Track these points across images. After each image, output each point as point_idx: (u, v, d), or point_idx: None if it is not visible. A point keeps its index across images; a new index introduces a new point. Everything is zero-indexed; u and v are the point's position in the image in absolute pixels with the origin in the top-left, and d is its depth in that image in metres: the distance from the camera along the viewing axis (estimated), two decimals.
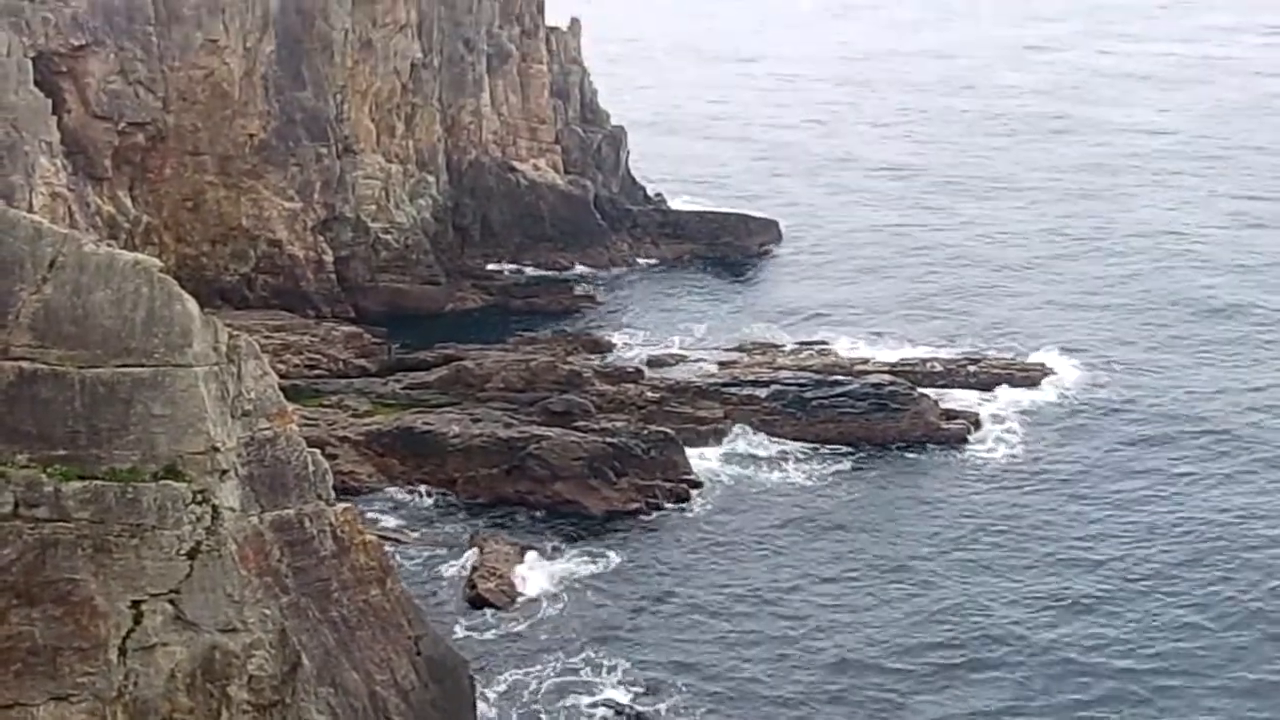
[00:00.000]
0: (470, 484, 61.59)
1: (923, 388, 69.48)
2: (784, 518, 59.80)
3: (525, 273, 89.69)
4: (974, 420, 68.13)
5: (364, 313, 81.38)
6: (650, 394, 68.06)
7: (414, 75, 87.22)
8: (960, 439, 66.63)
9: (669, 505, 60.70)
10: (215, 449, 37.74)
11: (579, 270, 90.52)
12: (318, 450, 42.22)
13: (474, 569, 54.67)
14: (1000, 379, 72.38)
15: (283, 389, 41.63)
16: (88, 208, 73.22)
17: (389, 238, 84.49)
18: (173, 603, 37.37)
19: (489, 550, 55.94)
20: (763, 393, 68.62)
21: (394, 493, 61.30)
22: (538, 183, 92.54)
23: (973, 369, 73.32)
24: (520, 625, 51.55)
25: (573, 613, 52.48)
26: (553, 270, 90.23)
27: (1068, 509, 60.33)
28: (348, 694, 40.77)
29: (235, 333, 39.84)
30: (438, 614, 51.14)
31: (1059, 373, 73.46)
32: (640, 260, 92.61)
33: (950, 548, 57.14)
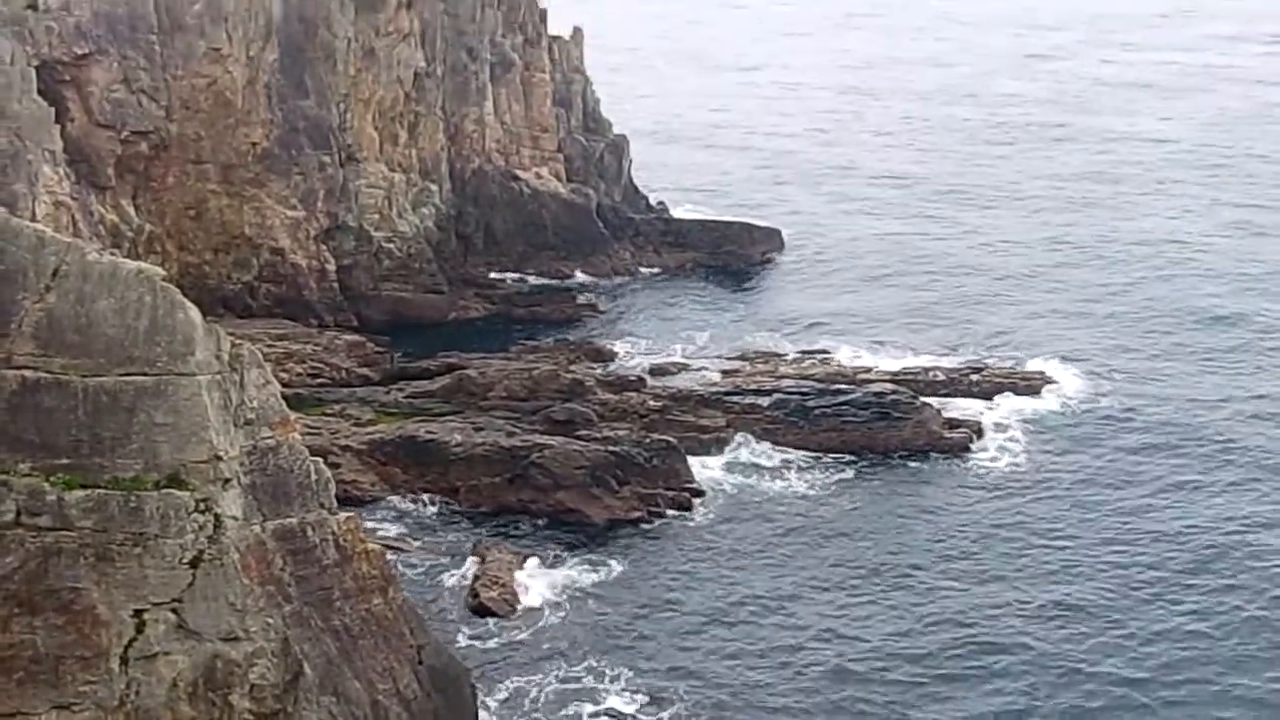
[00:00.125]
0: (473, 493, 61.60)
1: (925, 396, 69.49)
2: (786, 526, 59.78)
3: (528, 281, 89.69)
4: (976, 429, 68.09)
5: (367, 321, 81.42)
6: (653, 403, 68.08)
7: (417, 84, 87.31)
8: (963, 448, 66.59)
9: (671, 514, 60.71)
10: (218, 458, 37.77)
11: (581, 279, 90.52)
12: (320, 459, 42.24)
13: (476, 578, 54.67)
14: (1002, 388, 72.39)
15: (285, 398, 41.65)
16: (91, 216, 73.30)
17: (392, 246, 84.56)
18: (175, 611, 37.39)
19: (491, 559, 55.95)
20: (765, 401, 68.61)
21: (396, 501, 61.31)
22: (540, 191, 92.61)
23: (975, 378, 73.31)
24: (522, 634, 51.54)
25: (575, 621, 52.46)
26: (555, 279, 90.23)
27: (1070, 517, 60.28)
28: (350, 703, 40.75)
29: (238, 341, 39.87)
30: (440, 623, 51.15)
31: (1061, 381, 73.44)
32: (643, 269, 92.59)
33: (953, 556, 57.10)
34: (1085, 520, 60.00)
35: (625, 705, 47.56)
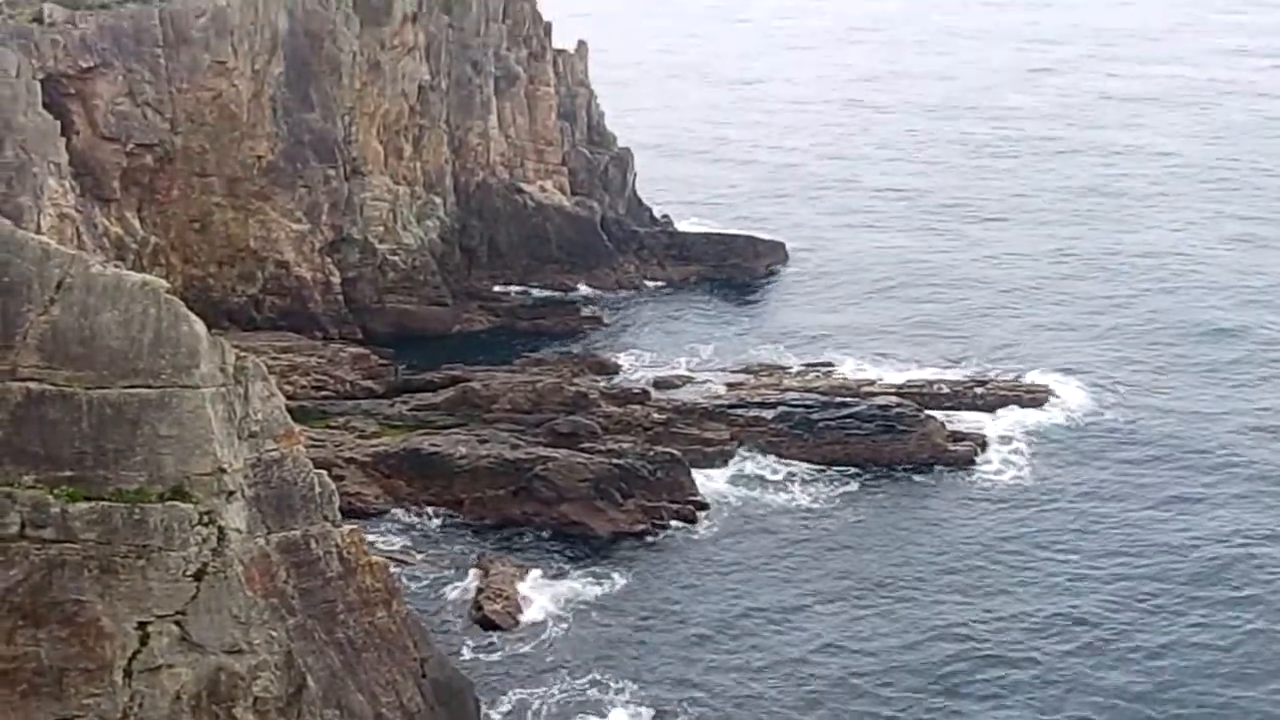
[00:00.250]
0: (477, 505, 61.57)
1: (930, 409, 69.42)
2: (790, 539, 59.72)
3: (532, 294, 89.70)
4: (981, 442, 68.05)
5: (371, 334, 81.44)
6: (657, 415, 68.06)
7: (422, 97, 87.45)
8: (967, 461, 66.54)
9: (675, 527, 60.66)
10: (222, 470, 37.80)
11: (585, 292, 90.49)
12: (324, 471, 42.28)
13: (480, 590, 54.65)
14: (1007, 400, 72.31)
15: (290, 410, 41.70)
16: (95, 229, 73.39)
17: (396, 259, 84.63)
18: (179, 624, 37.39)
19: (495, 572, 55.92)
20: (769, 414, 68.61)
21: (400, 514, 61.29)
22: (545, 204, 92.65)
23: (979, 390, 73.25)
24: (526, 646, 51.49)
25: (579, 634, 52.41)
26: (559, 292, 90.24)
27: (1075, 530, 60.22)
28: (353, 716, 40.74)
29: (242, 354, 39.92)
30: (444, 635, 51.11)
31: (1065, 394, 73.37)
32: (647, 282, 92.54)
33: (958, 569, 57.03)
34: (1090, 533, 59.93)
35: (629, 718, 47.51)
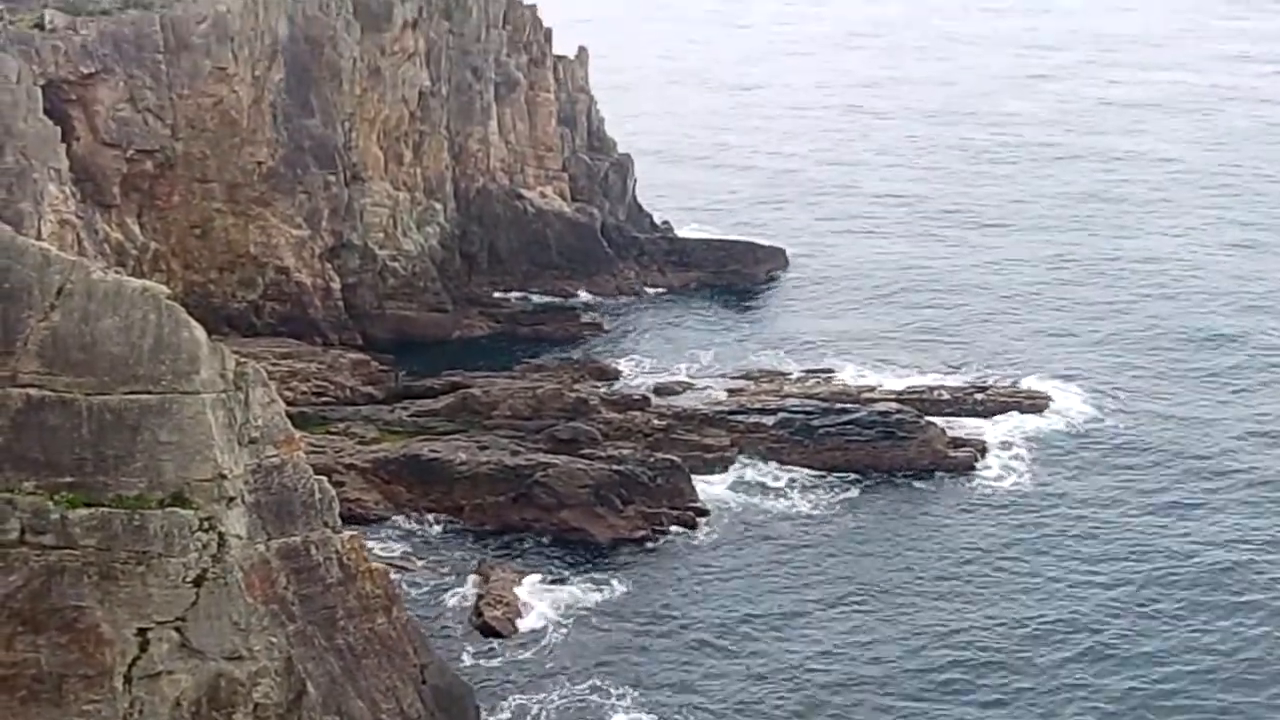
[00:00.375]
0: (477, 511, 61.56)
1: (930, 416, 69.40)
2: (790, 545, 59.69)
3: (532, 300, 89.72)
4: (981, 448, 68.03)
5: (371, 340, 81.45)
6: (657, 421, 68.03)
7: (422, 103, 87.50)
8: (968, 467, 66.53)
9: (675, 533, 60.61)
10: (222, 476, 37.79)
11: (585, 298, 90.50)
12: (324, 478, 42.29)
13: (480, 596, 54.63)
14: (1007, 406, 72.33)
15: (290, 416, 41.70)
16: (96, 235, 73.39)
17: (396, 265, 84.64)
18: (179, 630, 37.38)
19: (495, 578, 55.90)
20: (770, 420, 68.57)
21: (401, 520, 61.28)
22: (545, 210, 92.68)
23: (980, 397, 73.24)
24: (526, 653, 51.47)
25: (579, 640, 52.38)
26: (559, 298, 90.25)
27: (1075, 535, 60.21)
28: None
29: (243, 360, 39.93)
30: (444, 641, 51.08)
31: (1065, 400, 73.37)
32: (647, 288, 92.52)
33: (958, 574, 57.01)
34: (1090, 539, 59.91)
35: None
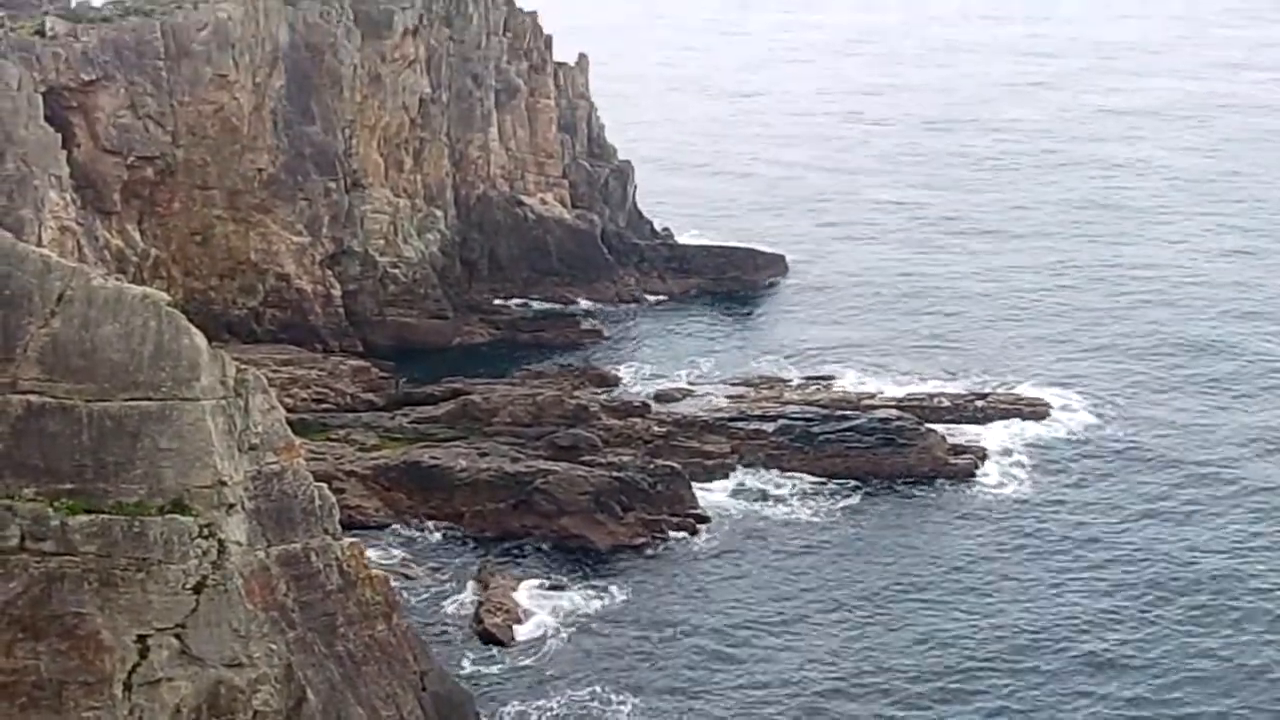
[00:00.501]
0: (477, 518, 61.53)
1: (930, 422, 69.39)
2: (791, 552, 59.67)
3: (532, 307, 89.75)
4: (981, 455, 68.01)
5: (371, 347, 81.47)
6: (657, 428, 68.02)
7: (422, 110, 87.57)
8: (968, 473, 66.50)
9: (675, 539, 60.55)
10: (222, 483, 37.76)
11: (586, 305, 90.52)
12: (324, 484, 42.23)
13: (480, 603, 54.57)
14: (1007, 413, 72.28)
15: (290, 423, 41.67)
16: (96, 241, 73.43)
17: (397, 272, 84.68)
18: (179, 637, 37.33)
19: (495, 585, 55.85)
20: (770, 427, 68.55)
21: (401, 527, 61.25)
22: (545, 217, 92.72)
23: (980, 404, 73.22)
24: (527, 659, 51.42)
25: (579, 647, 52.33)
26: (560, 304, 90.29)
27: (1075, 542, 60.19)
28: None
29: (243, 367, 39.92)
30: (444, 648, 51.02)
31: (1065, 407, 73.38)
32: (647, 295, 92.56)
33: (958, 581, 56.96)
34: (1089, 545, 59.89)
35: None
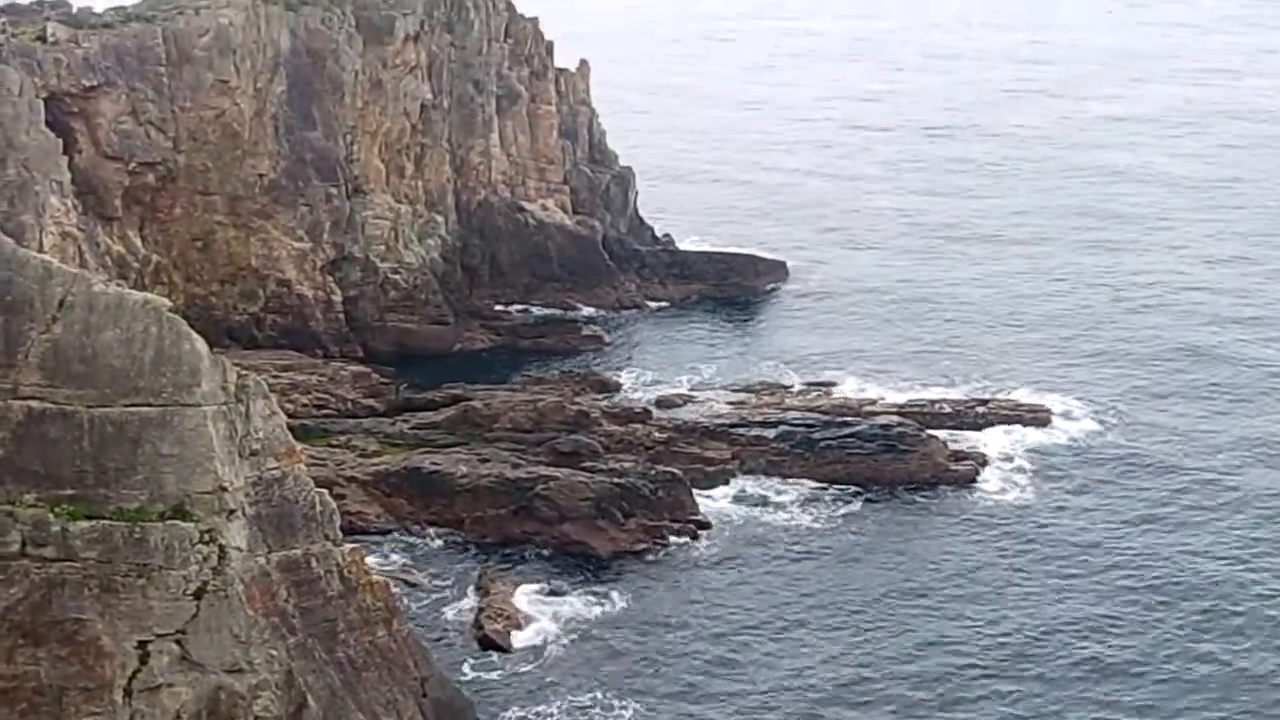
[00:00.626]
0: (478, 524, 61.50)
1: (931, 429, 69.37)
2: (792, 558, 59.64)
3: (533, 313, 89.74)
4: (982, 461, 67.98)
5: (372, 352, 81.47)
6: (658, 434, 68.00)
7: (424, 116, 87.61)
8: (969, 480, 66.46)
9: (676, 546, 60.51)
10: (223, 488, 37.76)
11: (587, 311, 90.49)
12: (325, 490, 42.24)
13: (481, 609, 54.52)
14: (1008, 420, 72.26)
15: (291, 429, 41.67)
16: (97, 247, 73.45)
17: (398, 278, 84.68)
18: (179, 643, 37.31)
19: (496, 591, 55.81)
20: (771, 433, 68.53)
21: (401, 533, 61.21)
22: (546, 223, 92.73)
23: (981, 410, 73.18)
24: (527, 665, 51.39)
25: (580, 653, 52.30)
26: (561, 310, 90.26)
27: (1076, 548, 60.16)
28: None
29: (244, 372, 39.93)
30: (444, 654, 50.99)
31: (1066, 414, 73.34)
32: (648, 300, 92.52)
33: (958, 587, 56.94)
34: (1090, 551, 59.87)
35: None
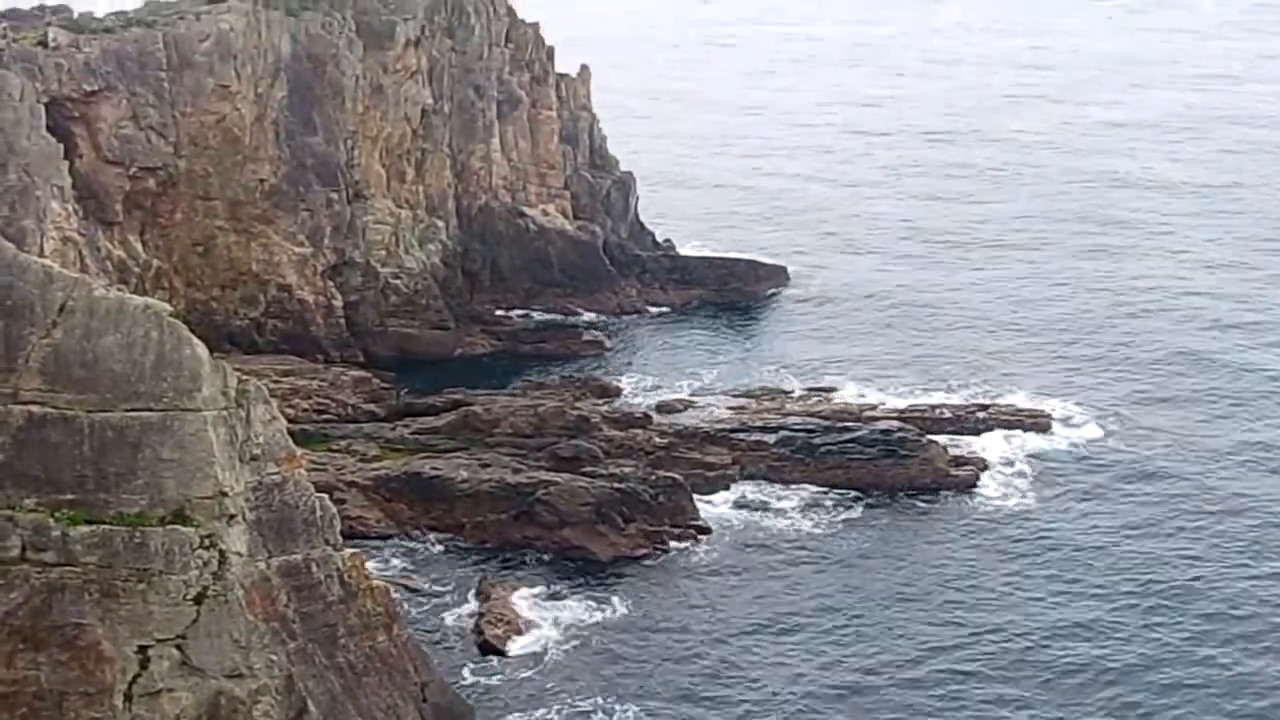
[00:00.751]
0: (478, 529, 61.50)
1: (931, 434, 69.34)
2: (792, 563, 59.63)
3: (534, 318, 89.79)
4: (982, 466, 67.97)
5: (373, 357, 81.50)
6: (658, 439, 68.00)
7: (424, 121, 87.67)
8: (969, 485, 66.44)
9: (676, 551, 60.52)
10: (223, 493, 37.77)
11: (587, 316, 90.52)
12: (326, 495, 42.25)
13: (481, 615, 54.52)
14: (1009, 425, 72.20)
15: (291, 434, 41.69)
16: (98, 252, 73.48)
17: (398, 283, 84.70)
18: (179, 648, 37.31)
19: (496, 596, 55.82)
20: (771, 439, 68.51)
21: (402, 538, 61.20)
22: (547, 228, 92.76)
23: (981, 415, 73.14)
24: (527, 671, 51.37)
25: (580, 658, 52.29)
26: (561, 315, 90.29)
27: (1076, 553, 60.14)
28: None
29: (244, 377, 39.95)
30: (445, 659, 50.98)
31: (1067, 420, 73.33)
32: (649, 306, 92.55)
33: (959, 592, 56.92)
34: (1090, 557, 59.83)
35: None
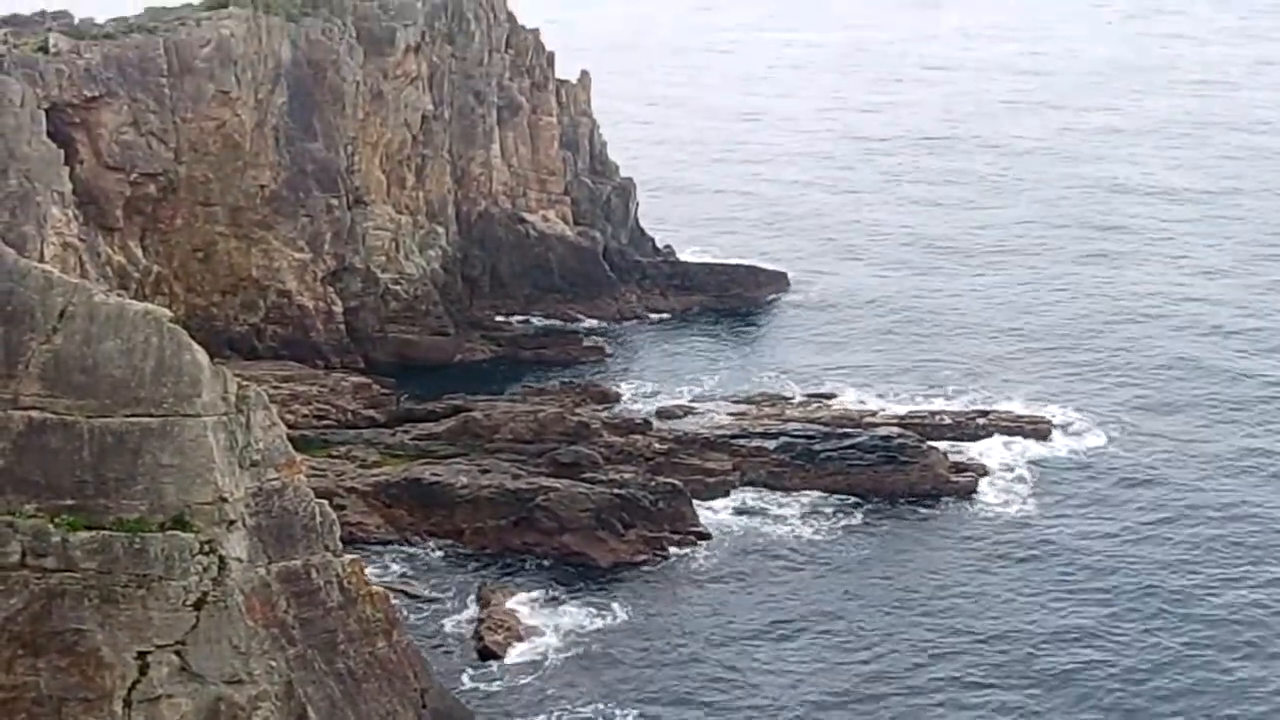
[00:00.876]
0: (478, 535, 61.49)
1: (932, 440, 69.34)
2: (792, 569, 59.61)
3: (534, 324, 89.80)
4: (982, 472, 67.96)
5: (373, 363, 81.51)
6: (658, 445, 68.00)
7: (424, 127, 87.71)
8: (969, 491, 66.43)
9: (676, 557, 60.50)
10: (223, 499, 37.77)
11: (588, 322, 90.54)
12: (325, 501, 42.24)
13: (481, 620, 54.52)
14: (1010, 431, 72.20)
15: (291, 439, 41.69)
16: (98, 258, 73.51)
17: (398, 288, 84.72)
18: (179, 654, 37.31)
19: (496, 602, 55.82)
20: (771, 445, 68.53)
21: (401, 544, 61.19)
22: (547, 234, 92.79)
23: (982, 422, 73.15)
24: (527, 676, 51.36)
25: (580, 664, 52.27)
26: (561, 321, 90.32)
27: (1076, 559, 60.13)
28: None
29: (244, 383, 39.97)
30: (444, 665, 50.97)
31: (1066, 426, 73.33)
32: (649, 312, 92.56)
33: (959, 598, 56.89)
34: (1090, 564, 59.83)
35: None
